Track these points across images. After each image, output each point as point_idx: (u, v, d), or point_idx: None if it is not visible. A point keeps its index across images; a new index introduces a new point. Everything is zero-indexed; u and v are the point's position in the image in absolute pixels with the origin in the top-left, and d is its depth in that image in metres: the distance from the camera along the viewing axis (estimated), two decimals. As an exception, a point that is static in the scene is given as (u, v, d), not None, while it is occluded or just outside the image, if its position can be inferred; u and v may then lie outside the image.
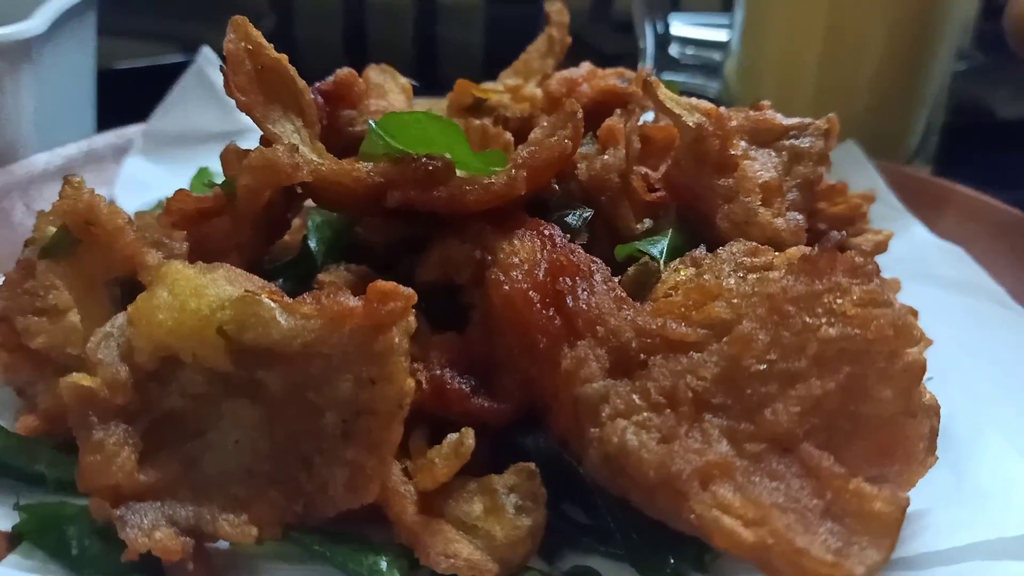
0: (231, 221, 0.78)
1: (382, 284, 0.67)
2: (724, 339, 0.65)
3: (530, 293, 0.70)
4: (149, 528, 0.61)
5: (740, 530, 0.56)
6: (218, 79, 0.97)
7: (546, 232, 0.75)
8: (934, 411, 0.68)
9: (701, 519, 0.57)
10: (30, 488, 0.68)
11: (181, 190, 0.81)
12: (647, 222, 0.90)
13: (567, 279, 0.71)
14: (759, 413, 0.62)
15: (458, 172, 0.78)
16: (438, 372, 0.70)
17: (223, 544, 0.65)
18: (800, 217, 0.86)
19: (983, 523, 0.68)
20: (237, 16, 0.77)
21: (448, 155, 0.77)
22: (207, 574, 0.63)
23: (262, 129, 0.77)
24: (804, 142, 0.90)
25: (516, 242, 0.74)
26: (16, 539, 0.62)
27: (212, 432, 0.67)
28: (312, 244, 0.87)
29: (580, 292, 0.70)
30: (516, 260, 0.72)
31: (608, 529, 0.67)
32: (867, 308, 0.62)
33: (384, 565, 0.63)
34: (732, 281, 0.70)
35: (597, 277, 0.72)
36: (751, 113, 0.92)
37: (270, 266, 0.86)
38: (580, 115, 0.81)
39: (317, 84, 0.87)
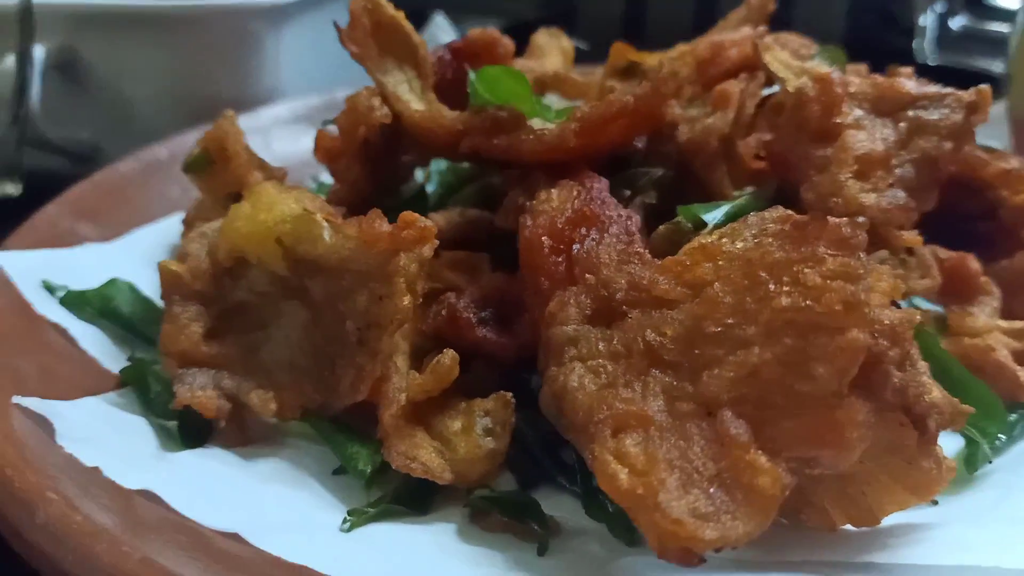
0: (345, 159, 0.91)
1: (407, 214, 0.75)
2: (697, 299, 0.64)
3: (543, 238, 0.73)
4: (197, 388, 0.76)
5: (620, 476, 0.56)
6: (446, 40, 1.10)
7: (587, 183, 0.77)
8: (934, 410, 0.61)
9: (595, 460, 0.58)
10: (154, 348, 0.86)
11: (320, 131, 0.96)
12: (749, 190, 0.87)
13: (583, 229, 0.73)
14: (700, 375, 0.60)
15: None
16: (453, 301, 0.77)
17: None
18: (902, 195, 0.78)
19: (987, 548, 0.60)
20: (366, -22, 0.89)
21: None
22: (239, 434, 0.77)
23: (371, 78, 0.89)
24: (933, 114, 0.81)
25: (554, 191, 0.77)
26: (122, 382, 0.81)
27: (273, 326, 0.80)
28: (429, 188, 0.97)
29: (588, 242, 0.72)
30: (547, 207, 0.76)
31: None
32: (832, 281, 0.58)
33: (362, 456, 0.72)
34: (739, 245, 0.67)
35: (613, 229, 0.73)
36: (879, 79, 0.84)
37: (391, 204, 0.97)
38: (665, 76, 0.81)
39: (451, 41, 0.96)
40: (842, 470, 0.57)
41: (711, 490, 0.55)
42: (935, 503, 0.69)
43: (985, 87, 0.81)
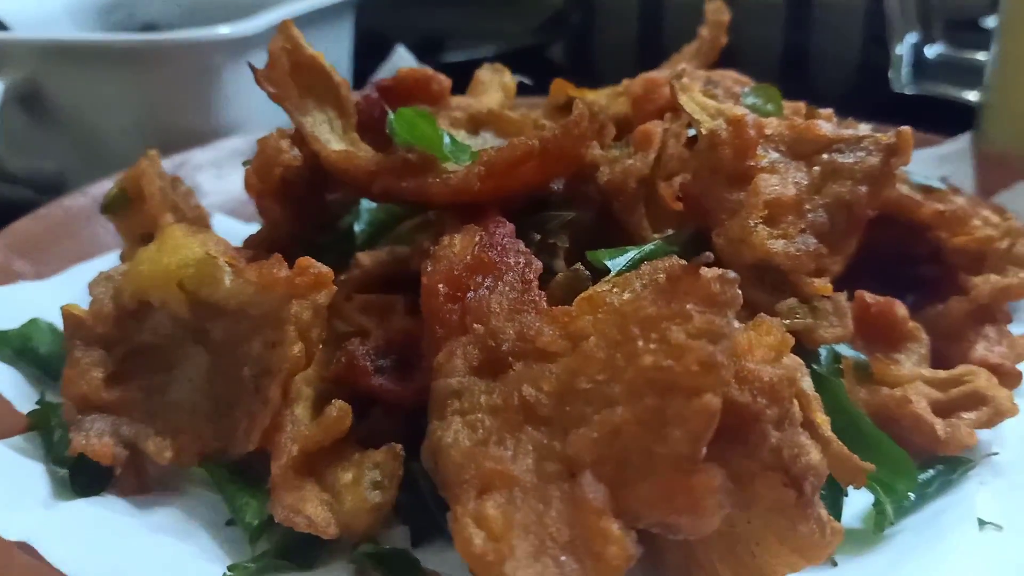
0: (266, 199, 0.90)
1: (304, 260, 0.74)
2: (574, 353, 0.62)
3: (439, 285, 0.72)
4: (94, 434, 0.75)
5: (476, 541, 0.54)
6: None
7: (491, 228, 0.76)
8: (810, 472, 0.58)
9: (455, 522, 0.57)
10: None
11: (248, 170, 0.95)
12: (670, 232, 0.85)
13: (479, 276, 0.72)
14: (568, 433, 0.59)
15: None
16: (352, 347, 0.76)
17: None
18: (812, 241, 0.76)
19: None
20: (286, 20, 0.88)
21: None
22: (136, 480, 0.76)
23: (290, 118, 0.88)
24: (848, 157, 0.79)
25: (457, 236, 0.76)
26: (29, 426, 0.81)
27: (177, 369, 0.79)
28: (358, 226, 0.97)
29: (481, 290, 0.71)
30: (448, 253, 0.75)
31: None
32: (695, 340, 0.56)
33: (251, 507, 0.71)
34: (625, 296, 0.65)
35: (508, 277, 0.72)
36: (797, 121, 0.82)
37: (321, 242, 0.96)
38: (575, 119, 0.80)
39: (377, 80, 0.96)
40: (703, 536, 0.55)
41: (562, 558, 0.53)
42: (834, 564, 0.67)
43: (906, 128, 0.79)
